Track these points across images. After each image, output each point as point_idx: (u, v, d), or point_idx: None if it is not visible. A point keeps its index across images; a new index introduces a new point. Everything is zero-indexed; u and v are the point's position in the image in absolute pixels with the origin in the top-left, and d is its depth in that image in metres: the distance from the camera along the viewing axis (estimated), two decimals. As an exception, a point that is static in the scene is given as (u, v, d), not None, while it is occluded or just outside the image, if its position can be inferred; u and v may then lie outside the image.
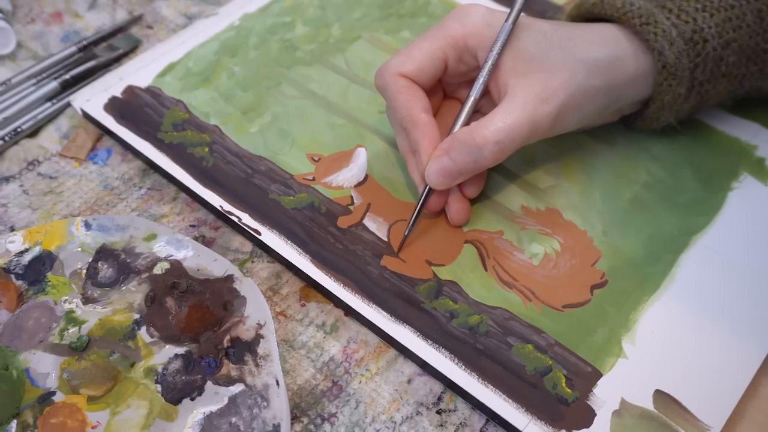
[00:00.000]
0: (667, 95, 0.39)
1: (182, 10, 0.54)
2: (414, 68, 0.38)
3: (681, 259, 0.38)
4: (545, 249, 0.39)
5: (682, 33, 0.37)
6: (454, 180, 0.37)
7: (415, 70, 0.38)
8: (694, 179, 0.42)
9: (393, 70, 0.38)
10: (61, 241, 0.38)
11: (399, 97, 0.37)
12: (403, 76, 0.38)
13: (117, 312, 0.36)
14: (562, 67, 0.36)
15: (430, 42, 0.38)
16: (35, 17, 0.53)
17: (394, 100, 0.38)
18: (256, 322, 0.35)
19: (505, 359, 0.35)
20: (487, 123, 0.35)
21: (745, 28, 0.38)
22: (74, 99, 0.45)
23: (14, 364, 0.34)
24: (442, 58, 0.38)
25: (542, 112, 0.35)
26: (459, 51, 0.38)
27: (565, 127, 0.38)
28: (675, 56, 0.37)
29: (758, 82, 0.41)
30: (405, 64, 0.38)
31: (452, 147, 0.36)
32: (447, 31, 0.38)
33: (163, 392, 0.33)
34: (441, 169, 0.36)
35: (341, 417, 0.34)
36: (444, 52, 0.38)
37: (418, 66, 0.38)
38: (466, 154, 0.36)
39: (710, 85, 0.39)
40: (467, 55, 0.38)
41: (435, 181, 0.37)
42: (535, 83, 0.36)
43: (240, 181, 0.41)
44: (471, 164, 0.36)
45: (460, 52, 0.38)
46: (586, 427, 0.32)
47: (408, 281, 0.37)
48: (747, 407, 0.34)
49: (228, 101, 0.46)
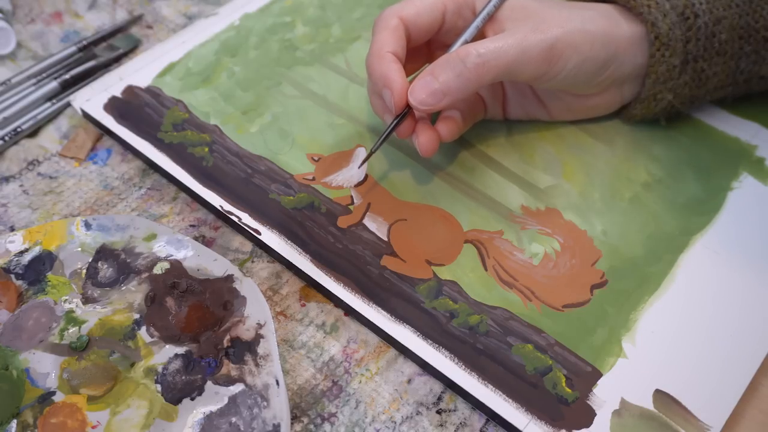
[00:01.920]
0: (662, 65, 0.39)
1: (182, 10, 0.54)
2: (412, 13, 0.38)
3: (681, 259, 0.38)
4: (545, 249, 0.39)
5: (675, 6, 0.39)
6: (437, 99, 0.36)
7: (413, 14, 0.38)
8: (694, 179, 0.42)
9: (391, 11, 0.38)
10: (61, 241, 0.38)
11: (382, 32, 0.38)
12: (399, 18, 0.38)
13: (117, 312, 0.36)
14: (557, 13, 0.38)
15: None
16: (35, 17, 0.53)
17: (375, 35, 0.38)
18: (256, 322, 0.35)
19: (505, 359, 0.35)
20: (473, 43, 0.36)
21: (735, 7, 0.39)
22: (74, 99, 0.45)
23: (14, 364, 0.34)
24: (441, 10, 0.39)
25: (533, 39, 0.36)
26: (458, 4, 0.39)
27: (564, 68, 0.38)
28: (668, 27, 0.38)
29: (756, 66, 0.41)
30: (404, 9, 0.38)
31: (435, 65, 0.36)
32: None
33: (163, 392, 0.33)
34: (424, 86, 0.36)
35: (341, 417, 0.34)
36: (443, 4, 0.39)
37: (416, 11, 0.38)
38: (449, 69, 0.36)
39: (705, 63, 0.40)
40: (466, 9, 0.39)
41: (418, 99, 0.36)
42: (529, 21, 0.37)
43: (240, 180, 0.41)
44: (454, 79, 0.36)
45: (459, 6, 0.39)
46: (586, 427, 0.33)
47: (408, 281, 0.37)
48: (747, 407, 0.34)
49: (228, 101, 0.46)
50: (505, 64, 0.36)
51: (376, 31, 0.39)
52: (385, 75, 0.37)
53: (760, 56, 0.41)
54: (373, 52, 0.38)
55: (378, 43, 0.38)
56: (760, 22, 0.39)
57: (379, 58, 0.37)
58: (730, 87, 0.42)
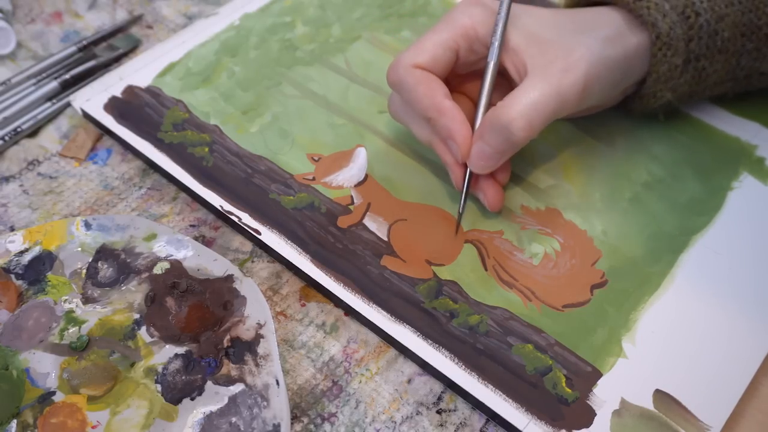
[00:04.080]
0: (663, 65, 0.39)
1: (182, 10, 0.54)
2: (428, 59, 0.38)
3: (681, 259, 0.38)
4: (545, 249, 0.39)
5: (674, 7, 0.38)
6: (495, 162, 0.37)
7: (430, 60, 0.38)
8: (694, 179, 0.42)
9: (407, 62, 0.38)
10: (61, 241, 0.38)
11: (418, 88, 0.37)
12: (417, 67, 0.38)
13: (117, 312, 0.36)
14: (576, 42, 0.37)
15: (441, 34, 0.38)
16: (35, 17, 0.53)
17: (414, 92, 0.37)
18: (256, 322, 0.35)
19: (505, 359, 0.35)
20: (511, 101, 0.36)
21: (737, 4, 0.39)
22: (74, 99, 0.45)
23: (14, 363, 0.34)
24: (454, 48, 0.38)
25: (567, 82, 0.36)
26: (470, 41, 0.38)
27: (590, 100, 0.38)
28: (668, 26, 0.38)
29: (756, 62, 0.41)
30: (418, 55, 0.38)
31: (484, 130, 0.37)
32: (456, 22, 0.38)
33: (163, 392, 0.33)
34: (479, 154, 0.37)
35: (341, 417, 0.34)
36: (456, 42, 0.38)
37: (431, 57, 0.38)
38: (497, 134, 0.36)
39: (707, 61, 0.40)
40: (477, 44, 0.38)
41: (477, 166, 0.37)
42: (555, 59, 0.36)
43: (240, 180, 0.41)
44: (505, 144, 0.36)
45: (471, 42, 0.38)
46: (586, 426, 0.33)
47: (408, 281, 0.37)
48: (747, 407, 0.34)
49: (228, 101, 0.46)
50: (548, 117, 0.36)
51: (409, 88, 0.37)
52: (449, 128, 0.37)
53: (761, 53, 0.40)
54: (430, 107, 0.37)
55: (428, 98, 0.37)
56: (762, 18, 0.39)
57: (439, 111, 0.37)
58: (729, 83, 0.42)
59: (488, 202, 0.39)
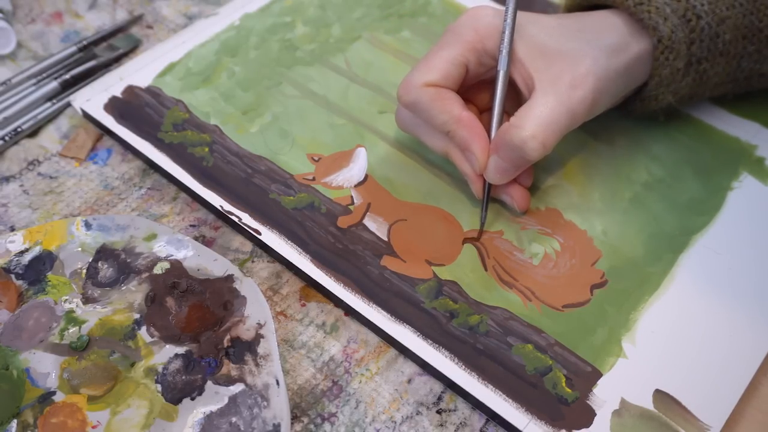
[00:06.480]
0: (665, 69, 0.39)
1: (182, 10, 0.54)
2: (439, 77, 0.38)
3: (681, 259, 0.38)
4: (545, 249, 0.39)
5: (675, 10, 0.38)
6: (511, 174, 0.38)
7: (441, 78, 0.38)
8: (694, 179, 0.42)
9: (418, 82, 0.37)
10: (62, 241, 0.38)
11: (435, 105, 0.37)
12: (430, 85, 0.38)
13: (117, 312, 0.36)
14: (582, 54, 0.37)
15: (449, 50, 0.38)
16: (35, 17, 0.53)
17: (431, 109, 0.37)
18: (256, 322, 0.35)
19: (505, 359, 0.35)
20: (523, 121, 0.36)
21: (738, 6, 0.39)
22: (74, 99, 0.46)
23: (14, 363, 0.34)
24: (463, 63, 0.38)
25: (576, 98, 0.36)
26: (478, 54, 0.38)
27: (597, 111, 0.39)
28: (670, 30, 0.38)
29: (757, 64, 0.41)
30: (429, 74, 0.38)
31: (498, 146, 0.37)
32: (463, 37, 0.38)
33: (164, 392, 0.33)
34: (496, 168, 0.38)
35: (341, 417, 0.34)
36: (464, 57, 0.38)
37: (442, 74, 0.38)
38: (511, 151, 0.36)
39: (708, 64, 0.40)
40: (486, 57, 0.38)
41: (494, 178, 0.38)
42: (561, 73, 0.36)
43: (240, 181, 0.41)
44: (520, 161, 0.37)
45: (479, 56, 0.38)
46: (586, 426, 0.33)
47: (408, 281, 0.37)
48: (747, 407, 0.34)
49: (228, 101, 0.46)
50: (560, 134, 0.36)
51: (425, 106, 0.37)
52: (468, 140, 0.38)
53: (762, 55, 0.40)
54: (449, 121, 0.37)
55: (446, 113, 0.37)
56: (763, 21, 0.39)
57: (458, 123, 0.37)
58: (730, 85, 0.42)
59: (516, 204, 0.40)
